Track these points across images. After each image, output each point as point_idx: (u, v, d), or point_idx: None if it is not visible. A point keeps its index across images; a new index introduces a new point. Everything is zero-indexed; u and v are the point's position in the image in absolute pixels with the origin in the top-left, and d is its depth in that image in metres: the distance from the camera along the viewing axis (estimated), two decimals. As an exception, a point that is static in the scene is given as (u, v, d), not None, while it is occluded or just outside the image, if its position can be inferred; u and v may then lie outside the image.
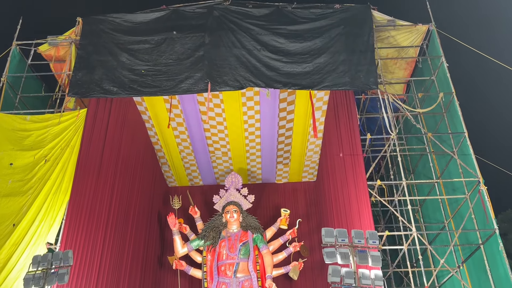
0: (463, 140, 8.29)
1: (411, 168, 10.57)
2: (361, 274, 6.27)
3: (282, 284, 10.25)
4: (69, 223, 7.12)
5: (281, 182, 11.78)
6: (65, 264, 6.16)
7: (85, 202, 7.47)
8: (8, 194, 7.17)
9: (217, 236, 10.04)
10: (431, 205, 9.83)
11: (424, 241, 7.95)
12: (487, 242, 7.59)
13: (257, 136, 9.85)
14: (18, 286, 6.64)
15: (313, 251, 10.42)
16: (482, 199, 7.51)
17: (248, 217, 10.33)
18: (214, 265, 9.80)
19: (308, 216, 11.17)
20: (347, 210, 8.34)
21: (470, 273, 8.31)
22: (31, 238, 6.98)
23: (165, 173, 11.32)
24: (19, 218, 7.02)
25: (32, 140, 7.76)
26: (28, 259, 6.69)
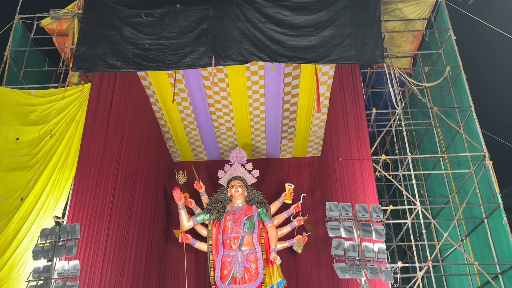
0: (469, 115, 8.23)
1: (416, 143, 10.54)
2: (365, 247, 6.32)
3: (286, 257, 10.40)
4: (75, 197, 7.19)
5: (286, 157, 11.79)
6: (73, 237, 6.25)
7: (91, 176, 7.53)
8: (15, 169, 7.24)
9: (222, 210, 10.15)
10: (436, 180, 9.84)
11: (428, 215, 7.99)
12: (491, 216, 7.62)
13: (262, 111, 9.81)
14: (27, 258, 6.77)
15: (317, 225, 10.52)
16: (487, 173, 7.49)
17: (253, 192, 10.41)
18: (219, 239, 9.94)
19: (313, 190, 11.22)
20: (351, 185, 8.37)
21: (473, 247, 8.38)
22: (39, 212, 7.07)
23: (170, 148, 11.36)
24: (27, 192, 7.10)
25: (37, 115, 7.77)
26: (36, 232, 6.80)
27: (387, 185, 11.56)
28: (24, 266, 6.82)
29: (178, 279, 10.49)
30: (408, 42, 9.89)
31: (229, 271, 9.63)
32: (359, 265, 6.13)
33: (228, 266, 9.68)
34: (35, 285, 6.02)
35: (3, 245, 6.72)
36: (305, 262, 10.57)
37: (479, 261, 7.76)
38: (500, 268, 7.41)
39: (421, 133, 10.39)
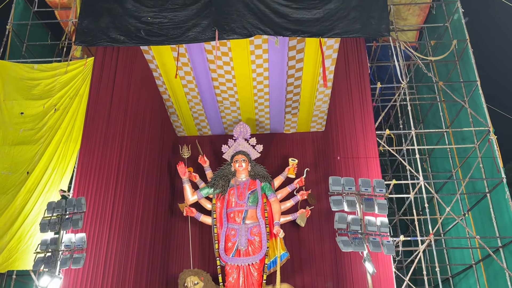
0: (475, 89, 8.16)
1: (421, 118, 10.50)
2: (367, 221, 6.38)
3: (290, 231, 10.53)
4: (80, 170, 7.25)
5: (289, 132, 11.79)
6: (79, 210, 6.33)
7: (95, 151, 7.58)
8: (20, 143, 7.29)
9: (226, 185, 10.23)
10: (440, 155, 9.84)
11: (431, 190, 8.02)
12: (493, 191, 7.65)
13: (266, 86, 9.75)
14: (35, 230, 6.89)
15: (320, 200, 10.60)
16: (492, 148, 7.49)
17: (257, 166, 10.46)
18: (224, 212, 10.06)
19: (316, 165, 11.26)
20: (354, 160, 8.39)
21: (475, 221, 8.45)
22: (45, 185, 7.15)
23: (174, 123, 11.37)
24: (32, 166, 7.17)
25: (41, 89, 7.77)
26: (43, 206, 6.89)
27: (390, 160, 11.59)
28: (32, 239, 6.94)
29: (183, 252, 10.67)
30: (415, 15, 9.73)
31: (233, 243, 9.78)
32: (361, 239, 6.20)
33: (232, 239, 9.82)
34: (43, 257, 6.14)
35: (11, 218, 6.83)
36: (308, 235, 10.71)
37: (481, 235, 7.84)
38: (501, 241, 7.49)
39: (426, 107, 10.33)
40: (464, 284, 8.88)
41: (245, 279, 9.52)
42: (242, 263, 9.60)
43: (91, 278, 7.12)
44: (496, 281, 7.68)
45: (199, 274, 9.69)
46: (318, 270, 10.41)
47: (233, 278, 9.58)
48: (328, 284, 10.19)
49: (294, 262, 10.40)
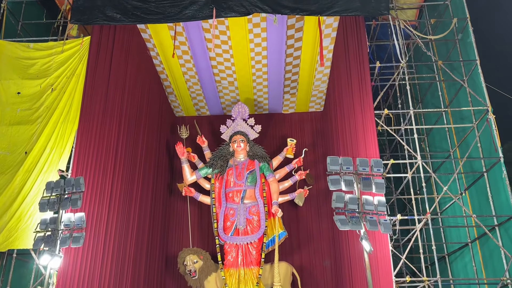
0: (474, 68, 8.12)
1: (420, 97, 10.47)
2: (365, 200, 6.41)
3: (288, 210, 10.60)
4: (78, 150, 7.26)
5: (288, 112, 11.76)
6: (78, 190, 6.35)
7: (93, 131, 7.56)
8: (18, 123, 7.27)
9: (225, 165, 10.26)
10: (438, 134, 9.85)
11: (429, 169, 8.05)
12: (491, 170, 7.69)
13: (264, 65, 9.68)
14: (34, 210, 6.92)
15: (318, 179, 10.65)
16: (490, 127, 7.48)
17: (255, 147, 10.47)
18: (222, 192, 10.12)
19: (314, 145, 11.28)
20: (353, 139, 8.39)
21: (472, 200, 8.50)
22: (43, 165, 7.16)
23: (172, 103, 11.33)
24: (30, 146, 7.17)
25: (37, 69, 7.70)
26: (41, 185, 6.91)
27: (388, 140, 11.60)
28: (32, 218, 6.99)
29: (182, 231, 10.76)
30: (415, -7, 9.61)
31: (231, 223, 9.87)
32: (358, 218, 6.24)
33: (231, 218, 9.91)
34: (42, 236, 6.19)
35: (10, 197, 6.86)
36: (306, 214, 10.79)
37: (477, 214, 7.90)
38: (497, 220, 7.55)
39: (425, 87, 10.29)
40: (460, 262, 9.00)
41: (244, 257, 9.64)
42: (240, 242, 9.70)
43: (91, 257, 7.20)
44: (491, 259, 7.78)
45: (198, 253, 9.80)
46: (315, 249, 10.53)
47: (232, 256, 9.69)
48: (326, 263, 10.33)
49: (292, 241, 10.51)
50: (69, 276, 6.65)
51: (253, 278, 9.48)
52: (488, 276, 7.80)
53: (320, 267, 10.36)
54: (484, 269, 8.04)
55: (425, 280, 7.21)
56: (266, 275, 9.64)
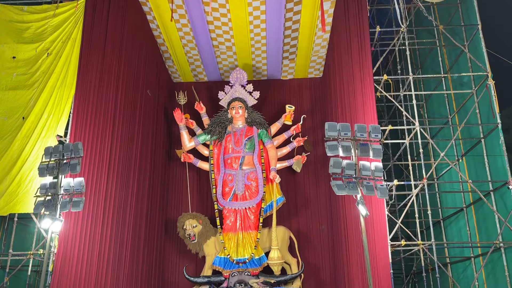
0: (475, 33, 8.01)
1: (419, 63, 10.37)
2: (362, 166, 6.44)
3: (286, 176, 10.69)
4: (76, 116, 7.23)
5: (287, 78, 11.66)
6: (76, 155, 6.37)
7: (91, 96, 7.52)
8: (14, 88, 7.22)
9: (223, 131, 10.27)
10: (437, 101, 9.82)
11: (426, 135, 8.07)
12: (488, 136, 7.71)
13: (263, 30, 9.52)
14: (34, 175, 6.97)
15: (317, 146, 10.69)
16: (489, 93, 7.46)
17: (253, 113, 10.45)
18: (221, 158, 10.17)
19: (313, 112, 11.25)
20: (351, 106, 8.37)
21: (468, 166, 8.57)
22: (41, 131, 7.16)
23: (169, 68, 11.21)
24: (28, 112, 7.14)
25: (32, 33, 7.58)
26: (40, 151, 6.93)
27: (387, 106, 11.56)
28: (31, 183, 7.04)
29: (181, 196, 10.87)
30: (417, -45, 9.35)
31: (230, 188, 9.97)
32: (355, 183, 6.29)
33: (229, 184, 10.01)
34: (43, 201, 6.25)
35: (9, 162, 6.90)
36: (304, 180, 10.88)
37: (473, 180, 7.98)
38: (493, 185, 7.64)
39: (425, 52, 10.18)
40: (455, 226, 9.16)
41: (242, 222, 9.80)
42: (239, 207, 9.83)
43: (91, 221, 7.30)
44: (485, 223, 7.91)
45: (197, 217, 9.95)
46: (313, 214, 10.68)
47: (230, 221, 9.85)
48: (322, 227, 10.51)
49: (290, 206, 10.65)
50: (70, 239, 6.77)
51: (251, 242, 9.66)
52: (482, 240, 7.96)
53: (317, 231, 10.53)
54: (478, 234, 8.20)
55: (419, 244, 7.36)
56: (264, 239, 9.82)
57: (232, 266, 9.50)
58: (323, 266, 10.25)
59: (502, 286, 7.22)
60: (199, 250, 9.90)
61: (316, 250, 10.38)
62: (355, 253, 7.97)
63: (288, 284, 9.37)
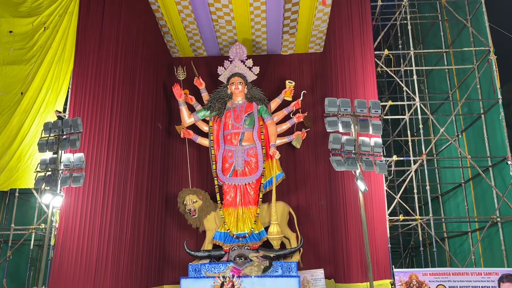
0: (478, 7, 7.88)
1: (421, 38, 10.25)
2: (361, 141, 6.45)
3: (285, 152, 10.71)
4: (75, 91, 7.20)
5: (287, 53, 11.55)
6: (76, 131, 6.37)
7: (89, 71, 7.47)
8: (11, 62, 7.14)
9: (223, 107, 10.23)
10: (438, 76, 9.75)
11: (426, 111, 8.05)
12: (488, 112, 7.69)
13: (263, 3, 9.37)
14: (34, 150, 6.98)
15: (317, 122, 10.66)
16: (490, 68, 7.39)
17: (253, 89, 10.38)
18: (221, 134, 10.16)
19: (313, 87, 11.18)
20: (352, 81, 8.31)
21: (468, 142, 8.57)
22: (40, 106, 7.13)
23: (168, 43, 11.08)
24: (26, 87, 7.10)
25: (28, 6, 7.45)
26: (39, 126, 6.92)
27: (388, 81, 11.49)
28: (32, 158, 7.06)
29: (181, 172, 10.91)
30: None
31: (230, 164, 10.00)
32: (354, 158, 6.31)
33: (229, 160, 10.03)
34: (43, 176, 6.28)
35: (8, 138, 6.89)
36: (303, 156, 10.91)
37: (473, 155, 7.99)
38: (492, 161, 7.66)
39: (427, 27, 10.04)
40: (453, 201, 9.23)
41: (242, 197, 9.86)
42: (239, 183, 9.88)
43: (92, 196, 7.36)
44: (483, 198, 7.97)
45: (197, 193, 10.01)
46: (312, 189, 10.74)
47: (230, 196, 9.91)
48: (321, 202, 10.59)
49: (289, 182, 10.70)
50: (71, 214, 6.84)
51: (251, 217, 9.75)
52: (479, 215, 8.03)
53: (316, 207, 10.62)
54: (476, 209, 8.27)
55: (417, 219, 7.43)
56: (264, 214, 9.91)
57: (232, 241, 9.61)
58: (322, 240, 10.38)
59: (498, 260, 7.33)
60: (200, 225, 10.01)
61: (315, 225, 10.49)
62: (353, 228, 8.06)
63: (287, 258, 9.51)
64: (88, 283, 7.10)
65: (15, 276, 7.99)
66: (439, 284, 6.32)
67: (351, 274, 8.26)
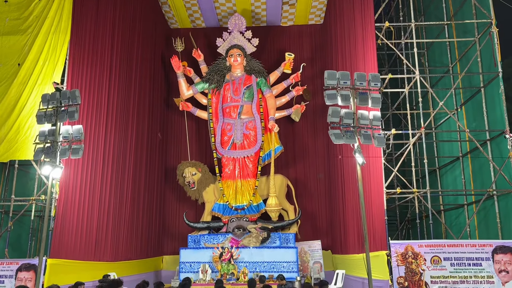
0: (482, -22, 7.73)
1: (422, 10, 10.09)
2: (360, 115, 6.41)
3: (284, 125, 10.71)
4: (72, 63, 7.14)
5: (287, 25, 11.40)
6: (74, 103, 6.31)
7: (86, 43, 7.38)
8: (7, 33, 7.03)
9: (222, 80, 10.17)
10: (438, 49, 9.64)
11: (426, 84, 7.99)
12: (488, 85, 7.64)
13: (262, -27, 9.19)
14: (32, 122, 6.95)
15: (316, 95, 10.63)
16: (492, 41, 7.31)
17: (252, 61, 10.31)
18: (219, 107, 10.14)
19: (313, 60, 11.09)
20: (352, 54, 8.23)
21: (467, 116, 8.56)
22: (37, 77, 7.06)
23: (166, 14, 10.91)
24: (23, 58, 7.01)
25: (22, -25, 7.28)
26: (37, 98, 6.88)
27: (388, 54, 11.37)
28: (30, 130, 7.04)
29: (180, 144, 10.95)
30: None
31: (229, 137, 10.03)
32: (353, 132, 6.30)
33: (228, 133, 10.05)
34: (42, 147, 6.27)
35: (6, 109, 6.86)
36: (302, 130, 10.92)
37: (471, 129, 7.99)
38: (490, 135, 7.66)
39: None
40: (450, 175, 9.28)
41: (241, 170, 9.94)
42: (238, 156, 9.94)
43: (91, 168, 7.40)
44: (481, 172, 8.02)
45: (196, 165, 10.08)
46: (310, 163, 10.80)
47: (229, 169, 9.99)
48: (320, 175, 10.67)
49: (288, 155, 10.75)
50: (71, 186, 6.88)
51: (249, 189, 9.85)
52: (476, 189, 8.09)
53: (314, 180, 10.71)
54: (473, 182, 8.33)
55: (415, 192, 7.49)
56: (262, 186, 10.01)
57: (230, 212, 9.74)
58: (319, 212, 10.51)
59: (493, 232, 7.43)
60: (199, 197, 10.11)
61: (313, 198, 10.60)
62: (351, 201, 8.14)
63: (285, 230, 9.66)
64: (89, 253, 7.22)
65: (16, 246, 8.11)
66: (434, 256, 6.43)
67: (348, 246, 8.40)
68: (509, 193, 7.10)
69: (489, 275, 6.28)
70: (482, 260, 6.34)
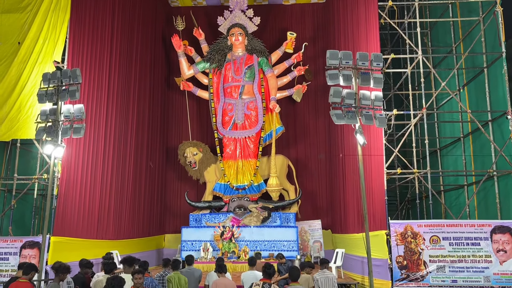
0: (488, -44, 7.60)
1: (427, -12, 9.94)
2: (362, 95, 6.38)
3: (286, 106, 10.68)
4: (73, 41, 7.09)
5: (289, 3, 11.25)
6: (75, 82, 6.28)
7: (86, 21, 7.32)
8: (6, 11, 6.97)
9: (223, 59, 10.11)
10: (442, 29, 9.54)
11: (429, 65, 7.94)
12: (492, 66, 7.60)
13: (264, -50, 9.03)
14: (33, 101, 6.95)
15: (318, 75, 10.56)
16: (496, 21, 7.23)
17: (254, 40, 10.22)
18: (220, 87, 10.10)
19: (315, 39, 10.99)
20: (354, 33, 8.15)
21: (470, 96, 8.53)
22: (38, 56, 7.03)
23: (167, -8, 10.77)
24: (23, 36, 6.97)
25: (21, -49, 7.18)
26: (38, 77, 6.85)
27: (391, 34, 11.25)
28: (32, 109, 7.04)
29: (181, 124, 10.94)
30: None
31: (230, 117, 10.02)
32: (354, 112, 6.29)
33: (229, 113, 10.04)
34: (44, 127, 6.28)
35: (7, 88, 6.85)
36: (304, 110, 10.89)
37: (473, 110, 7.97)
38: (492, 115, 7.65)
39: (433, -23, 9.71)
40: (451, 156, 9.30)
41: (242, 150, 9.96)
42: (239, 136, 9.95)
43: (93, 147, 7.42)
44: (481, 152, 8.03)
45: (197, 145, 10.10)
46: (311, 143, 10.81)
47: (230, 149, 10.01)
48: (320, 156, 10.69)
49: (289, 135, 10.75)
50: (73, 165, 6.92)
51: (250, 170, 9.90)
52: (477, 169, 8.12)
53: (315, 160, 10.73)
54: (474, 163, 8.35)
55: (415, 172, 7.52)
56: (263, 166, 10.05)
57: (232, 192, 9.81)
58: (319, 192, 10.57)
59: (492, 212, 7.49)
60: (200, 176, 10.17)
61: (314, 178, 10.65)
62: (351, 181, 8.18)
63: (286, 209, 9.74)
64: (91, 231, 7.31)
65: (20, 224, 8.20)
66: (433, 235, 6.50)
67: (348, 225, 8.48)
68: (509, 173, 7.13)
69: (487, 254, 6.36)
70: (481, 239, 6.41)
